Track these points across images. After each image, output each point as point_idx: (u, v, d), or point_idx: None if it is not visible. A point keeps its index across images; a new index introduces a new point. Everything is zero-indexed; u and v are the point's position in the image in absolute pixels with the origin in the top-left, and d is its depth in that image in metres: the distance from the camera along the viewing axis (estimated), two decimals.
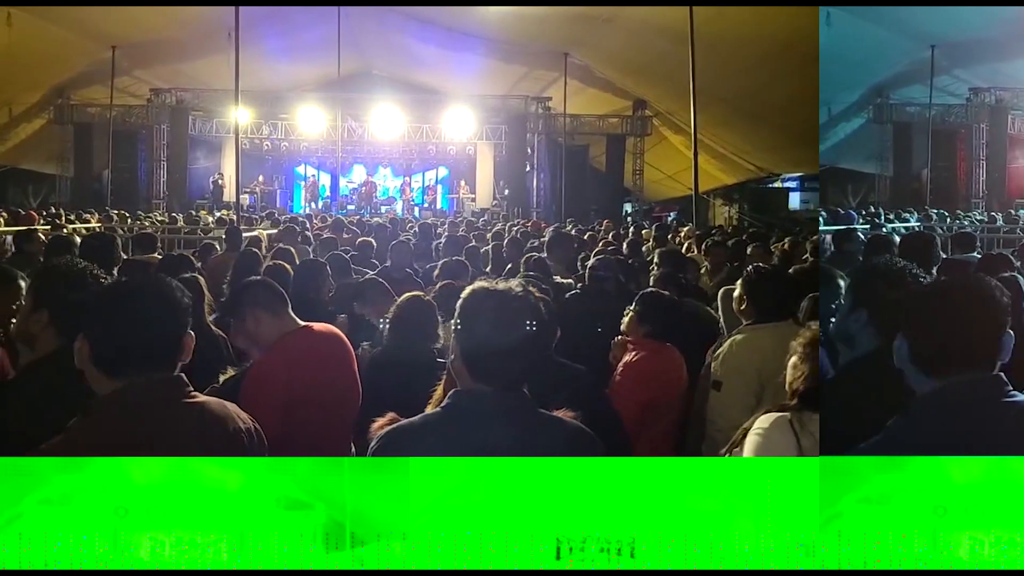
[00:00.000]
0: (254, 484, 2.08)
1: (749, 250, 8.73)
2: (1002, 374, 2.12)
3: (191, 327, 2.26)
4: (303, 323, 3.66)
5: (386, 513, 2.07)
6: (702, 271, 8.23)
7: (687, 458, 2.36)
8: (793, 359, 2.80)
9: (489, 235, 12.19)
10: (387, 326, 4.23)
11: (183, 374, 2.24)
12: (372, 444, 2.19)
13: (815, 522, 2.10)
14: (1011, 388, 2.11)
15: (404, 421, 2.21)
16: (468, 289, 2.23)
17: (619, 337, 4.57)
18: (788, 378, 2.80)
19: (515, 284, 2.22)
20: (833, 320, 3.03)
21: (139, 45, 22.88)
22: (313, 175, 31.01)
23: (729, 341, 4.30)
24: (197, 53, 23.36)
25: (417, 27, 23.34)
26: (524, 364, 2.17)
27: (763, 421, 2.68)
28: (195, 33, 21.69)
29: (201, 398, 2.28)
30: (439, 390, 2.55)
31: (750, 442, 2.66)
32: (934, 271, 5.09)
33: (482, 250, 8.93)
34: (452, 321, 2.21)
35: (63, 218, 16.41)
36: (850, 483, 2.10)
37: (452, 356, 2.21)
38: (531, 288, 2.25)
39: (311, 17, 21.75)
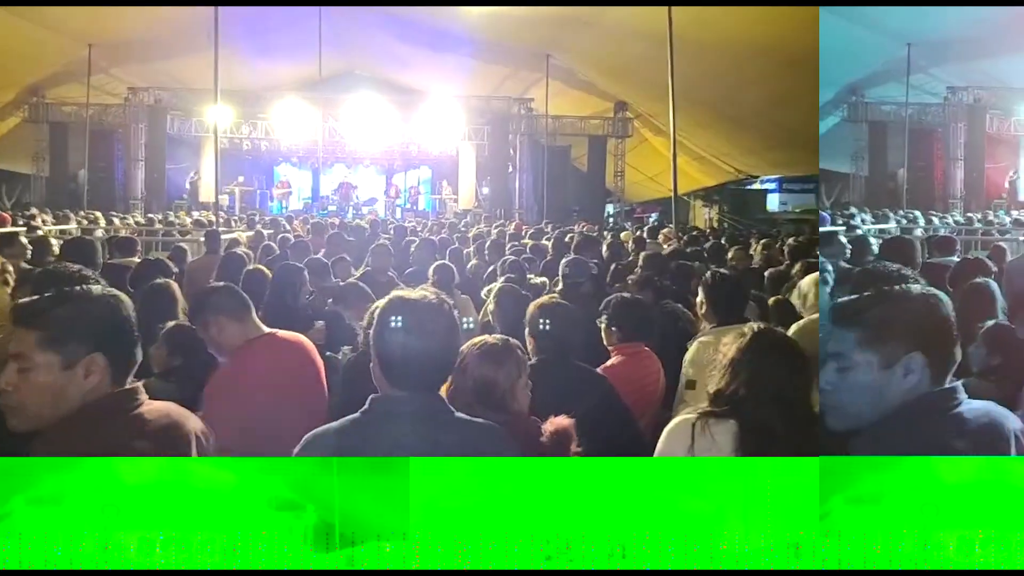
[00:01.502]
0: (244, 485, 2.09)
1: (731, 252, 8.79)
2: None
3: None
4: (268, 330, 3.66)
5: (377, 513, 2.09)
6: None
7: (684, 458, 2.38)
8: (719, 361, 2.76)
9: (471, 235, 12.22)
10: (365, 331, 4.24)
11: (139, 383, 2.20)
12: (296, 447, 2.24)
13: (812, 522, 2.13)
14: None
15: (326, 425, 2.26)
16: (385, 298, 2.31)
17: None
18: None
19: (430, 292, 2.30)
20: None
21: (116, 43, 22.66)
22: (285, 178, 30.84)
23: (696, 343, 4.40)
24: (176, 52, 23.16)
25: (400, 27, 23.28)
26: (437, 369, 2.25)
27: (672, 422, 2.68)
28: (174, 31, 21.49)
29: (151, 404, 2.21)
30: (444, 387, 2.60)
31: (659, 442, 2.67)
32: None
33: (464, 251, 8.97)
34: (369, 329, 2.30)
35: (37, 218, 16.24)
36: (846, 483, 2.13)
37: (371, 364, 2.27)
38: (444, 296, 2.32)
39: (292, 16, 21.64)
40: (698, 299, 4.62)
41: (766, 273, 7.16)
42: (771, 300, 5.71)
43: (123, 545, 2.03)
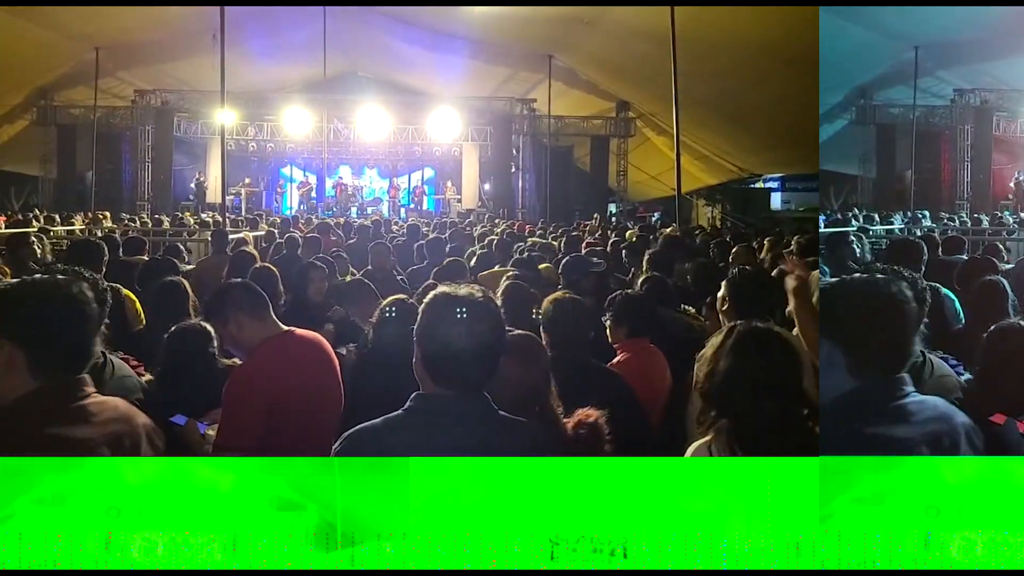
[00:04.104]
0: (246, 484, 2.09)
1: (735, 250, 8.76)
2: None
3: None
4: (285, 328, 3.63)
5: (378, 513, 2.09)
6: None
7: (684, 458, 2.38)
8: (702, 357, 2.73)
9: (476, 236, 12.23)
10: (372, 329, 4.24)
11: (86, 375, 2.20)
12: (335, 445, 2.20)
13: (813, 522, 2.13)
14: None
15: (367, 423, 2.21)
16: (430, 294, 2.26)
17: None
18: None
19: (476, 289, 2.25)
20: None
21: (123, 46, 22.75)
22: (300, 176, 31.00)
23: (710, 343, 4.32)
24: (182, 54, 23.25)
25: (403, 28, 23.33)
26: (483, 367, 2.19)
27: (690, 449, 2.60)
28: (180, 34, 21.58)
29: (98, 397, 2.22)
30: None
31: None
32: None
33: (469, 249, 8.99)
34: (414, 326, 2.22)
35: (43, 220, 16.30)
36: (847, 483, 2.13)
37: (414, 360, 2.22)
38: (489, 293, 2.28)
39: (296, 18, 21.69)
40: (720, 295, 4.54)
41: (774, 272, 7.11)
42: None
43: (124, 545, 2.03)
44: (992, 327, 3.43)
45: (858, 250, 7.00)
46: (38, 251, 7.39)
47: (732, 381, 2.51)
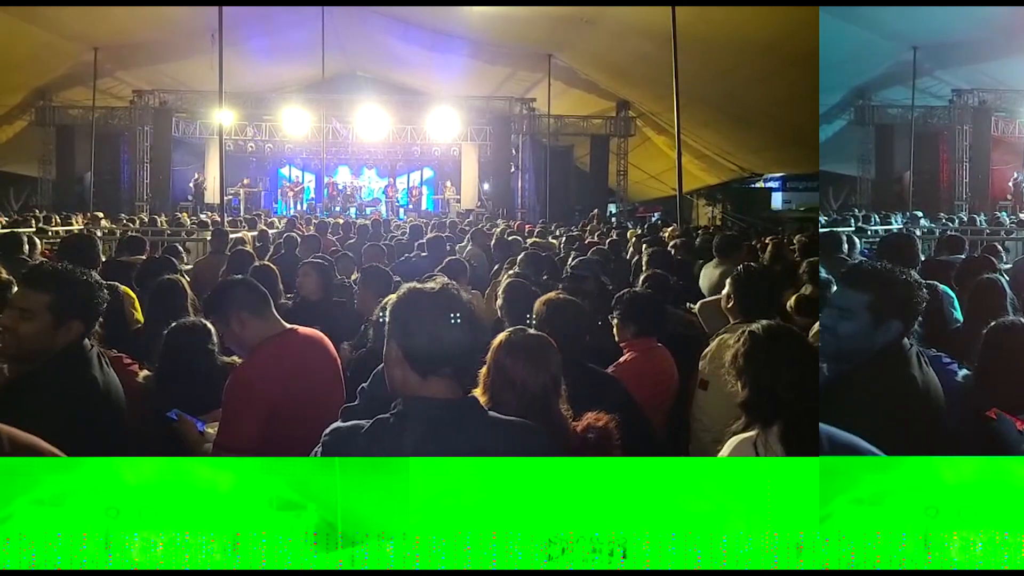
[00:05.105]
0: (246, 484, 2.09)
1: None
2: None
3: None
4: (288, 325, 3.59)
5: (378, 513, 2.09)
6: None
7: (684, 458, 2.38)
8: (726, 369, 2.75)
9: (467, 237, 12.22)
10: (371, 327, 4.21)
11: None
12: (317, 446, 2.17)
13: (813, 522, 2.13)
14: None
15: (352, 422, 2.17)
16: (400, 292, 2.22)
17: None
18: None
19: (447, 282, 2.23)
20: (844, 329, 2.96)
21: (122, 46, 22.73)
22: (297, 176, 31.02)
23: (717, 340, 4.31)
24: (180, 54, 23.24)
25: (401, 28, 23.32)
26: (468, 353, 2.18)
27: (730, 444, 2.63)
28: (178, 34, 21.56)
29: None
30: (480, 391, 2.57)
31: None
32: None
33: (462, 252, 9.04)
34: (387, 327, 2.19)
35: (42, 221, 16.29)
36: (847, 483, 2.13)
37: (392, 363, 2.16)
38: (454, 283, 2.26)
39: (295, 18, 21.68)
40: (724, 292, 4.53)
41: (776, 272, 7.14)
42: (793, 298, 5.68)
43: (124, 545, 2.03)
44: (991, 324, 3.44)
45: (847, 249, 7.03)
46: (25, 250, 7.34)
47: (772, 385, 2.53)
